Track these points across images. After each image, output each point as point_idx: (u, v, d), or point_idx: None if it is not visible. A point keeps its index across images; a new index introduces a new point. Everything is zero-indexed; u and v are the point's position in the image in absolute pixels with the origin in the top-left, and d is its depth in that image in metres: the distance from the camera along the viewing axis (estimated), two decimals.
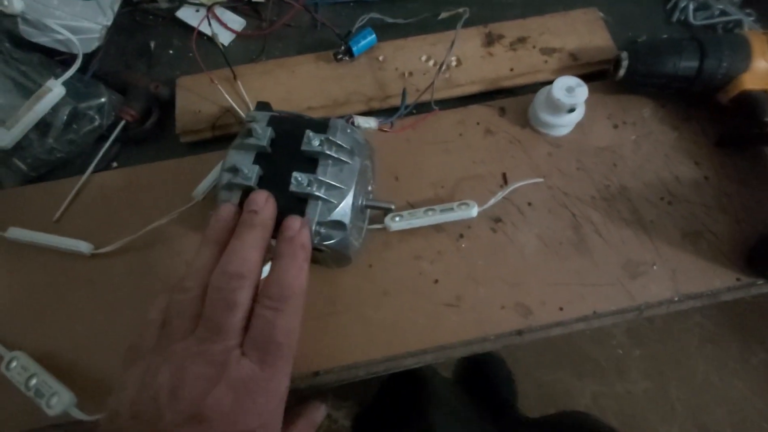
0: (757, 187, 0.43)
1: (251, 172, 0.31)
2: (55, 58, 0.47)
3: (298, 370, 0.38)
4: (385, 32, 0.51)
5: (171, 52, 0.53)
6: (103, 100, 0.46)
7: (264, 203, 0.29)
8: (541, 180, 0.42)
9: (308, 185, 0.30)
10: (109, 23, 0.48)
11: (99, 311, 0.40)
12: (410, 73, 0.48)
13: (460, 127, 0.46)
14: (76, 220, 0.44)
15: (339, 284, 0.40)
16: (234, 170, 0.31)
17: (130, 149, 0.48)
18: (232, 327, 0.24)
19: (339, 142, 0.32)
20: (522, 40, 0.49)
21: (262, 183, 0.31)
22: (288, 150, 0.32)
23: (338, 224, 0.32)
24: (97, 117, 0.45)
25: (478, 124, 0.46)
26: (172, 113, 0.47)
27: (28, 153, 0.44)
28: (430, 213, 0.41)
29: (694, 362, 1.11)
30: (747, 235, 0.41)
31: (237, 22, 0.53)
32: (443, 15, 0.49)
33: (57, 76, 0.44)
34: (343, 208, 0.32)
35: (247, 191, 0.31)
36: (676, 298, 0.39)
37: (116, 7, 0.49)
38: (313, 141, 0.31)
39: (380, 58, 0.49)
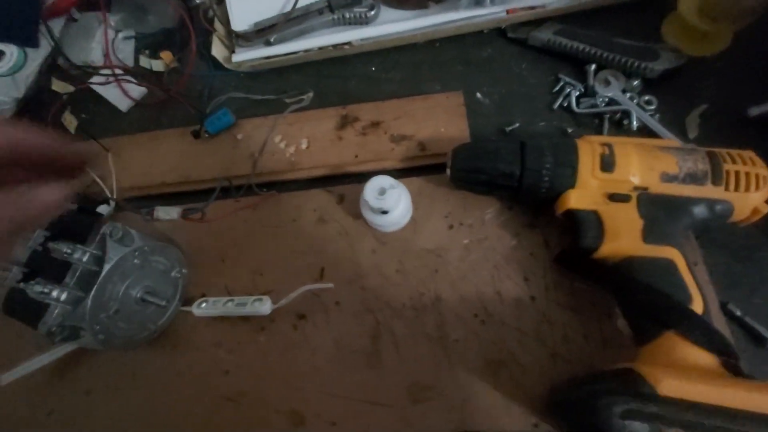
0: (588, 317, 0.36)
1: (16, 271, 0.33)
2: None
3: None
4: (256, 106, 0.52)
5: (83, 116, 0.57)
6: None
7: None
8: (330, 286, 0.39)
9: (44, 294, 0.32)
10: (21, 96, 0.54)
11: None
12: (260, 153, 0.48)
13: (295, 212, 0.45)
14: None
15: (142, 358, 0.41)
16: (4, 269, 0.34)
17: None
18: None
19: (90, 250, 0.33)
20: (375, 124, 0.46)
21: (24, 281, 0.34)
22: (52, 251, 0.34)
23: (75, 327, 0.33)
24: None
25: (314, 210, 0.45)
26: None
27: None
28: (229, 304, 0.40)
29: None
30: (559, 373, 0.35)
31: (137, 90, 0.57)
32: (288, 100, 0.48)
33: None
34: (79, 313, 0.33)
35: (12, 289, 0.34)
36: None
37: (30, 81, 0.55)
38: (62, 250, 0.33)
39: (239, 136, 0.49)
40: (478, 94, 0.48)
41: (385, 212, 0.40)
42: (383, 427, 0.36)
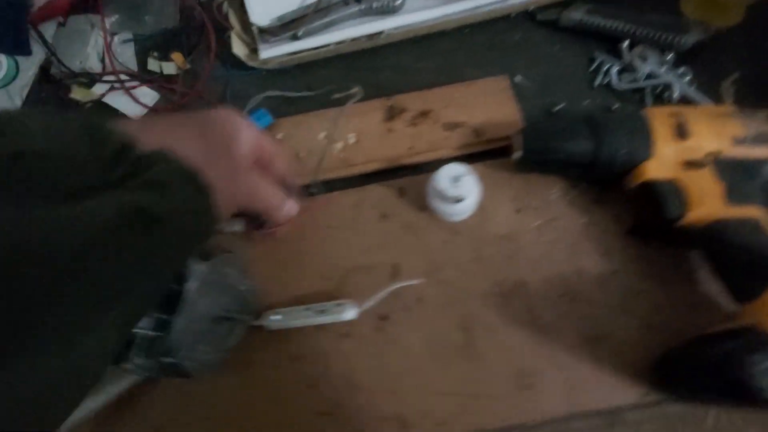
0: (672, 284, 0.37)
1: None
2: None
3: None
4: (291, 103, 0.49)
5: None
6: None
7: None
8: (422, 281, 0.38)
9: None
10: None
11: None
12: (307, 153, 0.45)
13: (354, 211, 0.43)
14: None
15: (216, 385, 0.38)
16: None
17: None
18: None
19: None
20: (425, 113, 0.45)
21: None
22: None
23: (166, 355, 0.29)
24: None
25: (374, 207, 0.43)
26: None
27: None
28: (307, 313, 0.38)
29: None
30: (656, 342, 0.36)
31: (149, 95, 0.52)
32: (336, 96, 0.46)
33: None
34: (170, 340, 0.29)
35: None
36: (569, 416, 0.35)
37: (25, 92, 0.49)
38: None
39: (279, 136, 0.46)
40: (518, 78, 0.48)
41: (459, 200, 0.39)
42: (494, 419, 0.35)
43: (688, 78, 0.45)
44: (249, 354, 0.38)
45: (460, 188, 0.37)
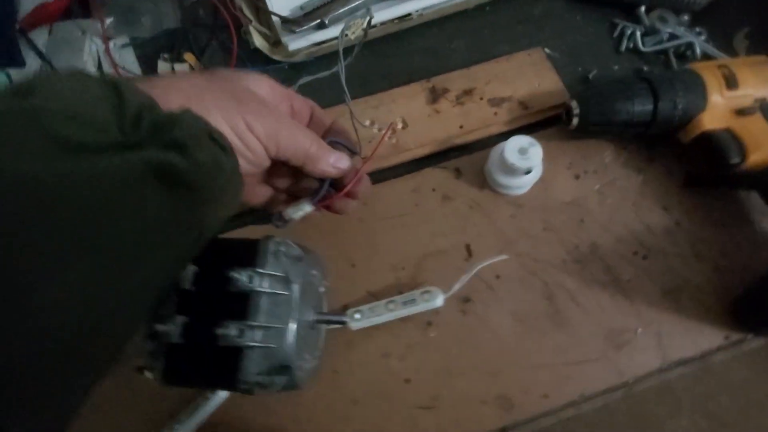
0: (733, 227, 0.39)
1: (173, 324, 0.26)
2: None
3: None
4: (322, 95, 0.47)
5: None
6: None
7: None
8: (505, 257, 0.37)
9: (239, 336, 0.25)
10: None
11: None
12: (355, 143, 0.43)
13: (415, 196, 0.42)
14: None
15: (303, 398, 0.36)
16: (157, 322, 0.26)
17: None
18: None
19: (271, 272, 0.27)
20: (468, 92, 0.45)
21: (188, 335, 0.26)
22: (214, 285, 0.27)
23: (282, 368, 0.27)
24: None
25: (434, 190, 0.42)
26: None
27: None
28: (391, 306, 0.36)
29: None
30: (729, 284, 0.37)
31: None
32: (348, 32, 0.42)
33: None
34: (285, 350, 0.27)
35: (172, 347, 0.26)
36: (664, 367, 0.36)
37: None
38: (240, 279, 0.26)
39: None
40: (546, 49, 0.48)
41: (528, 171, 0.38)
42: (595, 383, 0.35)
43: (704, 36, 0.48)
44: (333, 358, 0.36)
45: (531, 159, 0.37)
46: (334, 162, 0.31)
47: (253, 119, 0.26)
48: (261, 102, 0.28)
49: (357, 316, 0.36)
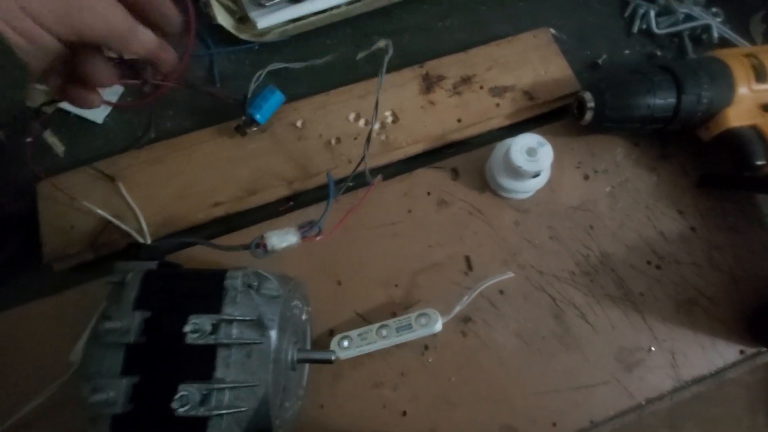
0: (749, 233, 0.36)
1: (117, 390, 0.20)
2: None
3: None
4: (298, 83, 0.40)
5: (29, 140, 0.39)
6: None
7: None
8: (512, 275, 0.33)
9: (202, 402, 0.20)
10: None
11: None
12: (338, 140, 0.37)
13: (407, 201, 0.36)
14: None
15: None
16: (94, 389, 0.21)
17: None
18: None
19: (240, 317, 0.22)
20: (466, 80, 0.39)
21: (138, 401, 0.21)
22: (171, 335, 0.22)
23: (261, 425, 0.22)
24: None
25: (428, 194, 0.37)
26: (38, 231, 0.35)
27: None
28: (384, 333, 0.32)
29: None
30: (744, 294, 0.34)
31: (109, 91, 0.40)
32: (360, 55, 0.37)
33: None
34: (260, 412, 0.22)
35: (118, 417, 0.21)
36: (678, 387, 0.33)
37: None
38: (201, 327, 0.21)
39: (298, 123, 0.37)
40: (552, 30, 0.42)
41: (537, 175, 0.34)
42: (606, 408, 0.32)
43: (720, 18, 0.43)
44: (319, 390, 0.32)
45: (540, 161, 0.32)
46: (144, 43, 0.24)
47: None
48: None
49: (345, 343, 0.32)
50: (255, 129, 0.36)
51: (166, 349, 0.21)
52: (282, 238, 0.28)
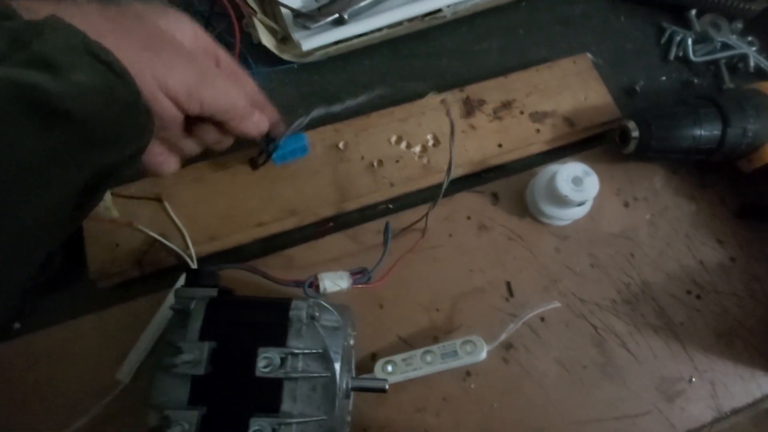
0: None
1: (190, 423, 0.21)
2: None
3: None
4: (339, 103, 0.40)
5: None
6: None
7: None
8: (558, 305, 0.33)
9: None
10: None
11: None
12: (380, 162, 0.37)
13: (448, 225, 0.37)
14: None
15: None
16: (167, 420, 0.21)
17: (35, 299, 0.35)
18: None
19: (306, 350, 0.22)
20: (507, 104, 0.39)
21: (207, 427, 0.21)
22: (237, 366, 0.22)
23: None
24: None
25: (468, 218, 0.37)
26: (83, 248, 0.35)
27: None
28: (429, 359, 0.32)
29: None
30: None
31: None
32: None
33: None
34: None
35: None
36: (718, 418, 0.33)
37: None
38: (272, 362, 0.21)
39: (340, 144, 0.38)
40: (589, 55, 0.43)
41: (582, 203, 0.34)
42: None
43: (755, 47, 0.43)
44: (362, 416, 0.32)
45: (587, 190, 0.32)
46: (256, 123, 0.30)
47: (166, 73, 0.22)
48: (178, 49, 0.24)
49: (389, 368, 0.32)
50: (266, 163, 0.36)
51: (233, 380, 0.22)
52: (334, 282, 0.28)
